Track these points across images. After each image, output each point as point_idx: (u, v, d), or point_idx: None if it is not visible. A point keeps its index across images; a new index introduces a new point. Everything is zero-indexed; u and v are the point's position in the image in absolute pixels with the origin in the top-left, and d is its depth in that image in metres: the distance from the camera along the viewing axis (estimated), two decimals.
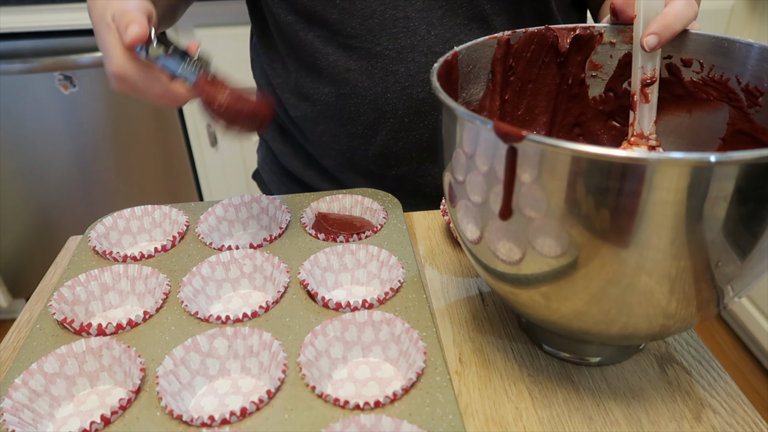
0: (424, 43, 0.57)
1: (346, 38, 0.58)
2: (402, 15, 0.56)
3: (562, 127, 0.50)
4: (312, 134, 0.65)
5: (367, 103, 0.60)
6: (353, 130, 0.62)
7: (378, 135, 0.61)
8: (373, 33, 0.57)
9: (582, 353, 0.41)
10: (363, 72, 0.58)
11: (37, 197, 1.50)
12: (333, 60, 0.59)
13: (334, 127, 0.63)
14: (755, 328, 1.44)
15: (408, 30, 0.56)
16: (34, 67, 1.31)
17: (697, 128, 0.44)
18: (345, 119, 0.62)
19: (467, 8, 0.56)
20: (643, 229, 0.29)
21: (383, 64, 0.58)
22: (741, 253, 0.30)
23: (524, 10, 0.58)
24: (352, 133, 0.62)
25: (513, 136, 0.29)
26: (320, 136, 0.65)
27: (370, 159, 0.64)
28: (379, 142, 0.62)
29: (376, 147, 0.62)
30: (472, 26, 0.57)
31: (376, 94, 0.59)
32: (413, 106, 0.59)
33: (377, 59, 0.58)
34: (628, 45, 0.45)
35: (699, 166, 0.26)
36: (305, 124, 0.65)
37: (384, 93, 0.59)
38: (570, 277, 0.32)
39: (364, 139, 0.62)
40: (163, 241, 0.52)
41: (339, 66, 0.59)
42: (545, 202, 0.30)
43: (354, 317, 0.41)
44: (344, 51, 0.58)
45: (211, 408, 0.37)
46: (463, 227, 0.37)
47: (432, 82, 0.36)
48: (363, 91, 0.59)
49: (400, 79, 0.58)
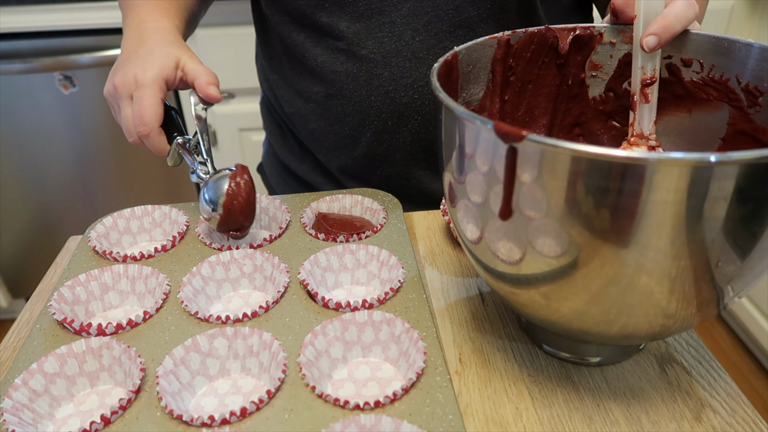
0: (408, 48, 0.57)
1: (334, 40, 0.58)
2: (388, 20, 0.57)
3: (562, 127, 0.50)
4: (304, 131, 0.66)
5: (353, 104, 0.61)
6: (340, 131, 0.63)
7: (363, 137, 0.62)
8: (359, 36, 0.57)
9: (582, 353, 0.41)
10: (349, 74, 0.59)
11: (37, 197, 1.50)
12: (321, 61, 0.60)
13: (323, 126, 0.64)
14: (755, 328, 1.44)
15: (393, 35, 0.57)
16: (34, 67, 1.31)
17: (697, 128, 0.44)
18: (333, 119, 0.63)
19: (453, 15, 0.56)
20: (643, 229, 0.29)
21: (368, 67, 0.58)
22: (741, 253, 0.30)
23: (511, 17, 0.58)
24: (339, 134, 0.63)
25: (513, 136, 0.29)
26: (311, 134, 0.66)
27: (356, 159, 0.64)
28: (364, 144, 0.63)
29: (361, 148, 0.63)
30: (458, 33, 0.57)
31: (360, 97, 0.60)
32: (396, 110, 0.60)
33: (362, 62, 0.58)
34: (628, 45, 0.45)
35: (699, 166, 0.26)
36: (298, 121, 0.66)
37: (368, 96, 0.60)
38: (570, 277, 0.32)
39: (350, 140, 0.63)
40: (163, 241, 0.53)
41: (327, 67, 0.60)
42: (545, 202, 0.30)
43: (354, 317, 0.41)
44: (332, 53, 0.59)
45: (211, 408, 0.37)
46: (463, 227, 0.37)
47: (432, 81, 0.36)
48: (348, 93, 0.60)
49: (383, 82, 0.59)
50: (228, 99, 1.42)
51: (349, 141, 0.63)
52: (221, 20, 1.34)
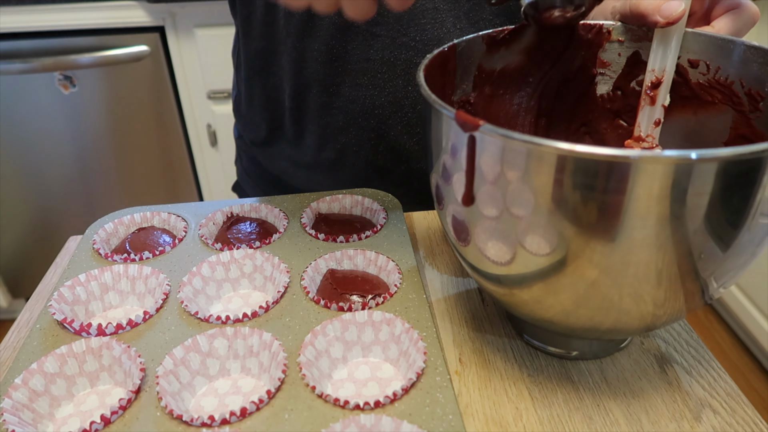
0: (449, 37, 0.54)
1: (370, 25, 0.55)
2: (431, 6, 0.54)
3: (570, 125, 0.50)
4: (314, 126, 0.62)
5: (385, 95, 0.57)
6: (366, 124, 0.60)
7: (392, 130, 0.59)
8: (401, 22, 0.54)
9: (563, 346, 0.42)
10: (385, 63, 0.56)
11: (37, 197, 1.50)
12: (351, 48, 0.56)
13: (342, 120, 0.60)
14: (755, 328, 1.44)
15: (436, 22, 0.54)
16: (34, 67, 1.32)
17: (701, 131, 0.44)
18: (358, 112, 0.59)
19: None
20: (624, 224, 0.29)
21: (407, 56, 0.55)
22: (723, 246, 0.30)
23: None
24: (363, 127, 0.60)
25: (470, 124, 0.30)
26: (323, 129, 0.62)
27: (380, 153, 0.61)
28: (392, 137, 0.60)
29: (387, 142, 0.60)
30: (496, 22, 0.55)
31: (396, 87, 0.57)
32: (405, 116, 0.58)
33: (401, 50, 0.55)
34: (637, 44, 0.45)
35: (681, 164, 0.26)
36: (312, 113, 0.62)
37: (404, 86, 0.56)
38: (553, 274, 0.33)
39: (376, 132, 0.60)
40: None
41: (359, 54, 0.56)
42: (500, 191, 0.31)
43: (354, 317, 0.41)
44: (365, 39, 0.55)
45: (211, 408, 0.37)
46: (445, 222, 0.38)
47: (417, 76, 0.36)
48: (382, 83, 0.57)
49: (388, 85, 0.56)
50: (228, 99, 1.42)
51: (375, 135, 0.60)
52: (221, 20, 1.34)
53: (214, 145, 1.48)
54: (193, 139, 1.49)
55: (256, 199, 0.56)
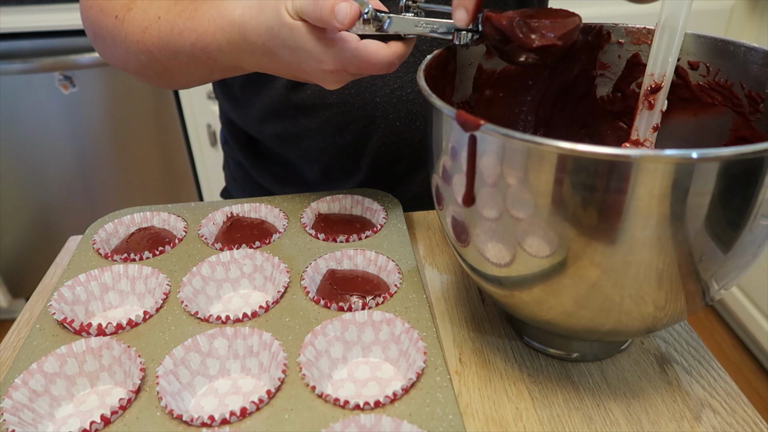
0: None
1: None
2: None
3: (571, 126, 0.50)
4: (295, 149, 0.62)
5: (356, 110, 0.57)
6: (341, 141, 0.60)
7: (369, 143, 0.59)
8: None
9: (564, 348, 0.42)
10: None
11: (37, 197, 1.50)
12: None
13: (319, 141, 0.60)
14: (755, 328, 1.44)
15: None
16: (34, 67, 1.31)
17: (701, 133, 0.44)
18: (332, 131, 0.59)
19: None
20: (625, 225, 0.29)
21: None
22: (724, 247, 0.30)
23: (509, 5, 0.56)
24: (340, 145, 0.60)
25: (471, 124, 0.30)
26: (305, 151, 0.61)
27: (360, 168, 0.61)
28: (371, 151, 0.60)
29: (366, 157, 0.60)
30: None
31: (364, 100, 0.57)
32: (404, 108, 0.57)
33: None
34: (636, 46, 0.45)
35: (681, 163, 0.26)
36: (287, 140, 0.62)
37: (373, 98, 0.57)
38: (554, 275, 0.33)
39: (354, 149, 0.60)
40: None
41: None
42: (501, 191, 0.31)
43: (354, 317, 0.41)
44: None
45: (211, 408, 0.37)
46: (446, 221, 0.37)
47: (417, 76, 0.37)
48: (350, 99, 0.57)
49: (388, 81, 0.56)
50: None
51: (352, 150, 0.60)
52: None
53: (214, 145, 1.48)
54: (193, 139, 1.48)
55: (256, 199, 0.56)
